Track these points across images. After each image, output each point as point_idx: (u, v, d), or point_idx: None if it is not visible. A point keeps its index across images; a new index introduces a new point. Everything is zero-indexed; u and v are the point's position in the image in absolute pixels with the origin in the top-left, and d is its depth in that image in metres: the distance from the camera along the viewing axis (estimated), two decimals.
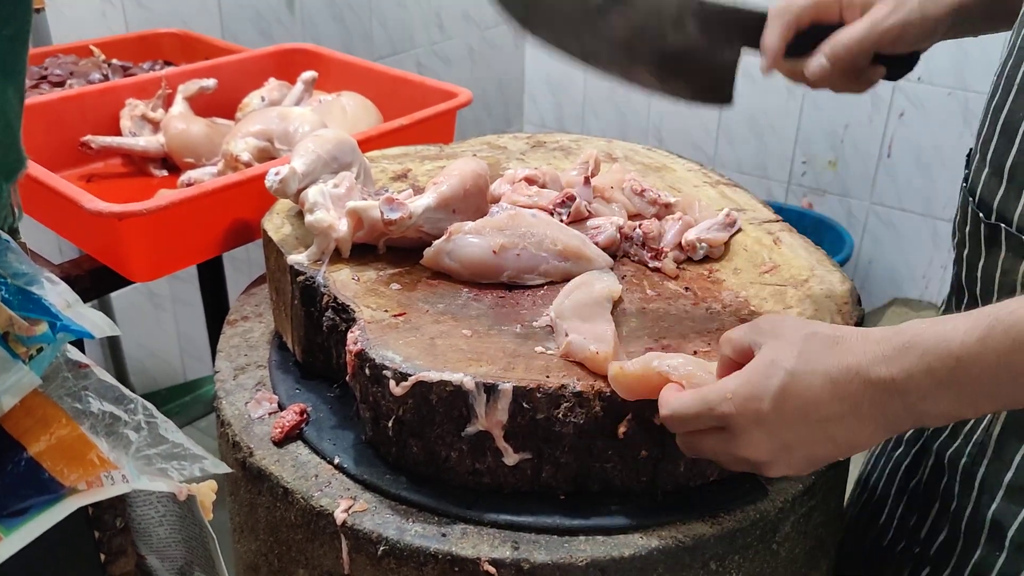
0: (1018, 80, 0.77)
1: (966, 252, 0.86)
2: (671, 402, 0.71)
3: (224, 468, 0.67)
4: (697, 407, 0.69)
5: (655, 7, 0.89)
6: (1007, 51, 0.80)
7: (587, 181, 1.05)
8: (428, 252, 0.93)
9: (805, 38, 0.89)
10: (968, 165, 0.87)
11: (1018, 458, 0.81)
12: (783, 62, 0.90)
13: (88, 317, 0.59)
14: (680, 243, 0.99)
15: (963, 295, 0.89)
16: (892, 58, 0.89)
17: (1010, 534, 0.82)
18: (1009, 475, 0.82)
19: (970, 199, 0.85)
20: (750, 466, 0.70)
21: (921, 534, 0.94)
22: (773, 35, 0.88)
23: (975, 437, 0.87)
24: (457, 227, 0.93)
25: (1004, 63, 0.80)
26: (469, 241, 0.92)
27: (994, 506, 0.83)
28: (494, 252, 0.92)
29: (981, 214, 0.83)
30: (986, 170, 0.82)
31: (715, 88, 0.94)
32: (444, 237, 0.92)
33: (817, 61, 0.88)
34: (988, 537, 0.84)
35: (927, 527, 0.93)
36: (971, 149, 0.88)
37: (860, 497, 1.06)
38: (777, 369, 0.65)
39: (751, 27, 0.90)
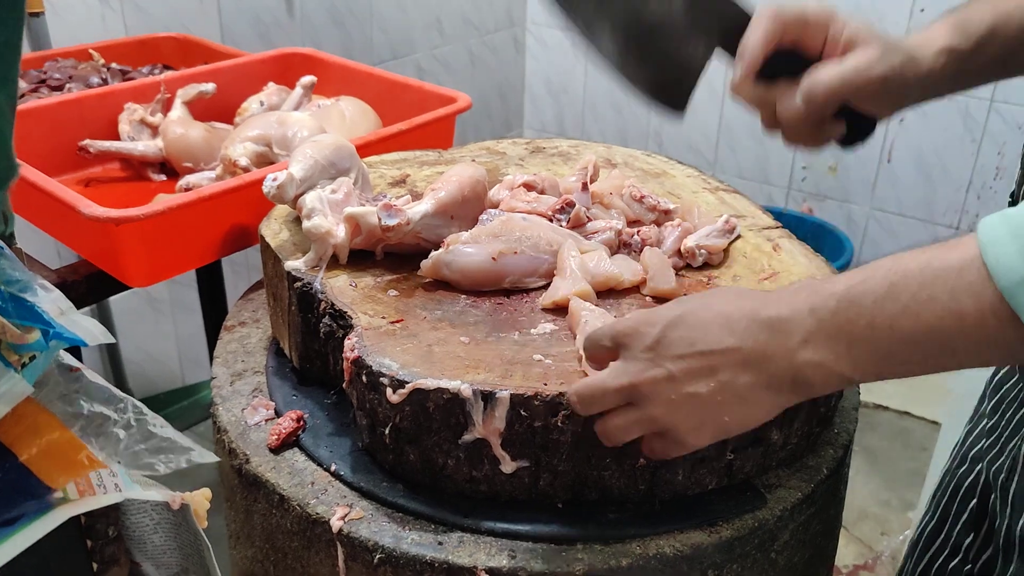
0: None
1: None
2: (584, 334, 0.72)
3: (212, 457, 0.66)
4: (603, 332, 0.71)
5: None
6: None
7: (585, 187, 1.04)
8: (426, 264, 0.92)
9: (777, 61, 0.81)
10: (1019, 183, 0.86)
11: None
12: (751, 89, 0.83)
13: (81, 324, 0.59)
14: (679, 249, 0.98)
15: None
16: (854, 117, 0.82)
17: None
18: None
19: None
20: (646, 421, 0.68)
21: (972, 553, 0.93)
22: (755, 39, 0.80)
23: (1010, 448, 0.85)
24: (453, 238, 0.93)
25: None
26: (467, 251, 0.92)
27: (1022, 522, 0.81)
28: (493, 259, 0.91)
29: None
30: None
31: (674, 87, 0.87)
32: (442, 249, 0.92)
33: (790, 101, 0.80)
34: (1020, 554, 0.82)
35: (977, 545, 0.92)
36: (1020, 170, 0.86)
37: (928, 520, 1.04)
38: (679, 305, 0.67)
39: (733, 24, 0.82)
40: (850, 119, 0.82)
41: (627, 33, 0.84)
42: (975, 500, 0.95)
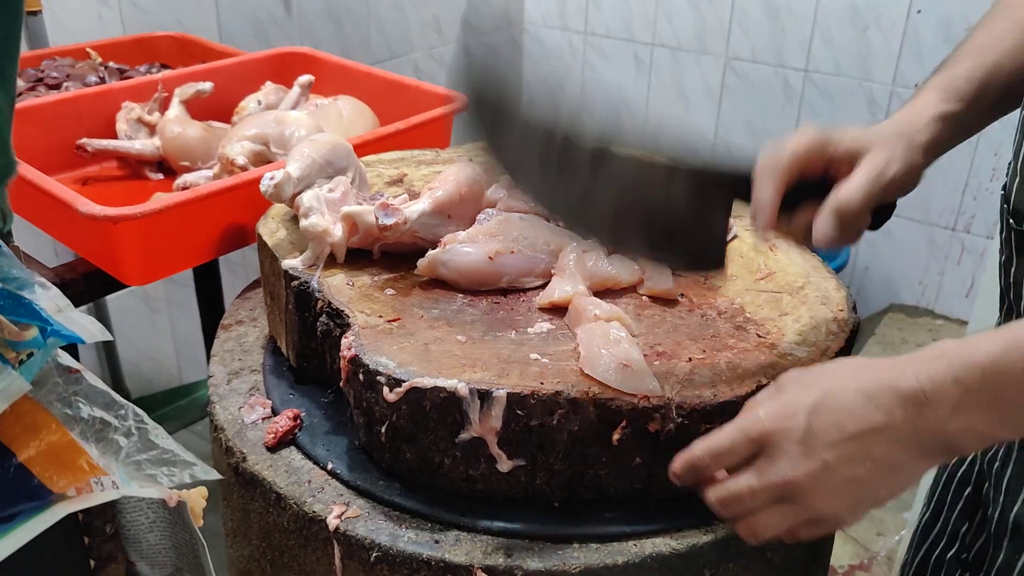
0: None
1: (1003, 259, 0.87)
2: (704, 441, 0.71)
3: (214, 474, 0.66)
4: (730, 435, 0.69)
5: (640, 176, 0.82)
6: None
7: None
8: (422, 263, 0.92)
9: (791, 194, 0.80)
10: (1007, 174, 0.87)
11: None
12: (780, 228, 0.82)
13: (79, 322, 0.59)
14: None
15: (1004, 303, 0.89)
16: (878, 209, 0.82)
17: None
18: None
19: (1004, 206, 0.86)
20: (803, 513, 0.68)
21: (967, 540, 0.95)
22: (764, 194, 0.79)
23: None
24: (450, 237, 0.93)
25: None
26: (464, 250, 0.92)
27: (1016, 508, 0.83)
28: (490, 258, 0.92)
29: (1012, 221, 0.83)
30: (1018, 179, 0.82)
31: (707, 255, 0.87)
32: (439, 248, 0.92)
33: (824, 225, 0.78)
34: (1011, 539, 0.84)
35: (972, 533, 0.94)
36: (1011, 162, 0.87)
37: (925, 512, 1.06)
38: (810, 390, 0.66)
39: (740, 181, 0.82)
40: (876, 212, 0.82)
41: (649, 241, 0.85)
42: (970, 488, 0.96)
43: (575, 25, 2.93)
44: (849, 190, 0.77)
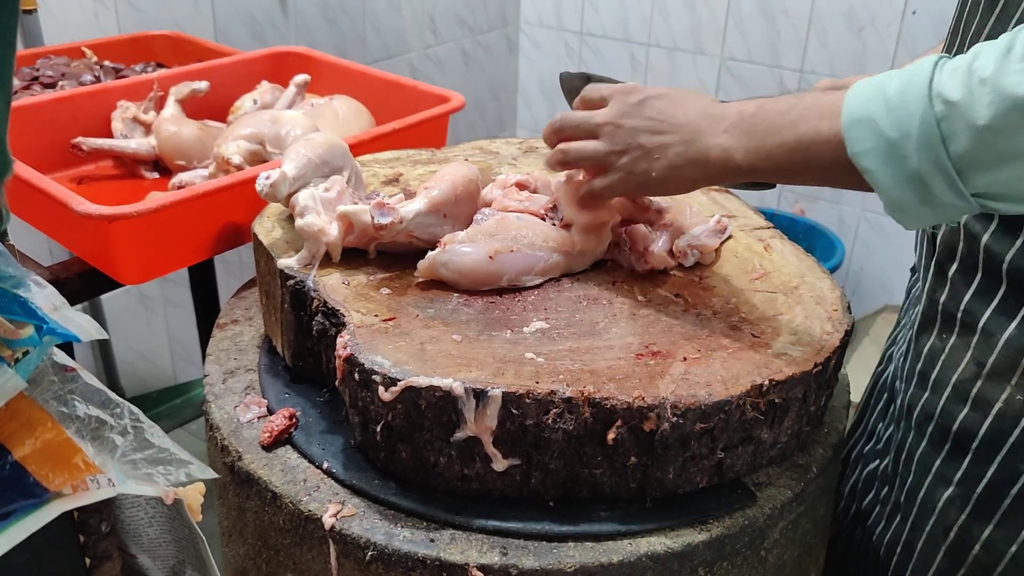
0: (950, 29, 0.90)
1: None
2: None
3: (211, 474, 0.66)
4: (591, 88, 0.90)
5: None
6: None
7: None
8: (423, 265, 0.92)
9: None
10: None
11: (925, 350, 0.91)
12: None
13: (75, 320, 0.59)
14: (671, 249, 0.99)
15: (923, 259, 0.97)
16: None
17: (915, 416, 0.92)
18: (919, 365, 0.92)
19: None
20: (599, 152, 0.87)
21: (881, 433, 1.05)
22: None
23: (909, 337, 0.96)
24: (449, 237, 0.93)
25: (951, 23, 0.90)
26: (463, 251, 0.92)
27: (910, 392, 0.93)
28: (490, 258, 0.92)
29: None
30: None
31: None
32: (438, 249, 0.92)
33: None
34: (905, 420, 0.95)
35: (884, 425, 1.04)
36: None
37: (853, 418, 1.15)
38: (664, 88, 0.85)
39: None
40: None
41: None
42: (887, 392, 1.07)
43: (571, 25, 2.93)
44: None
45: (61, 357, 0.64)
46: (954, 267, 0.87)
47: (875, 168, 0.68)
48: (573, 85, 1.02)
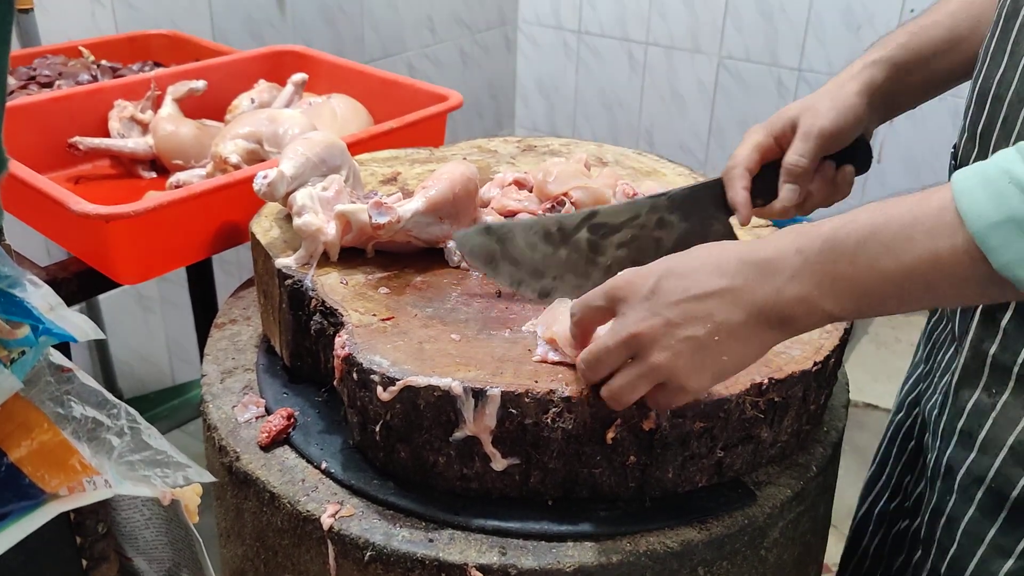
0: (992, 49, 0.80)
1: None
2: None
3: (208, 477, 0.66)
4: (583, 304, 0.74)
5: (634, 223, 0.91)
6: (991, 28, 0.82)
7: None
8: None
9: (765, 180, 0.91)
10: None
11: (969, 405, 0.83)
12: (763, 210, 0.92)
13: (71, 320, 0.59)
14: None
15: None
16: (849, 154, 0.92)
17: (959, 478, 0.84)
18: (961, 422, 0.84)
19: (952, 163, 0.89)
20: (649, 372, 0.70)
21: (908, 489, 0.98)
22: (735, 192, 0.90)
23: (940, 386, 0.89)
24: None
25: (987, 40, 0.82)
26: None
27: (948, 451, 0.85)
28: None
29: None
30: (964, 135, 0.85)
31: None
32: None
33: (785, 192, 0.90)
34: (943, 481, 0.87)
35: (913, 481, 0.97)
36: None
37: (872, 468, 1.10)
38: (664, 258, 0.71)
39: (717, 195, 0.92)
40: (847, 160, 0.92)
41: None
42: (913, 442, 1.00)
43: (569, 24, 2.93)
44: (790, 154, 0.90)
45: (57, 357, 0.63)
46: (1008, 316, 0.79)
47: None
48: (475, 246, 0.91)
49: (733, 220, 0.92)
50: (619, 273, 0.72)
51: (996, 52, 0.79)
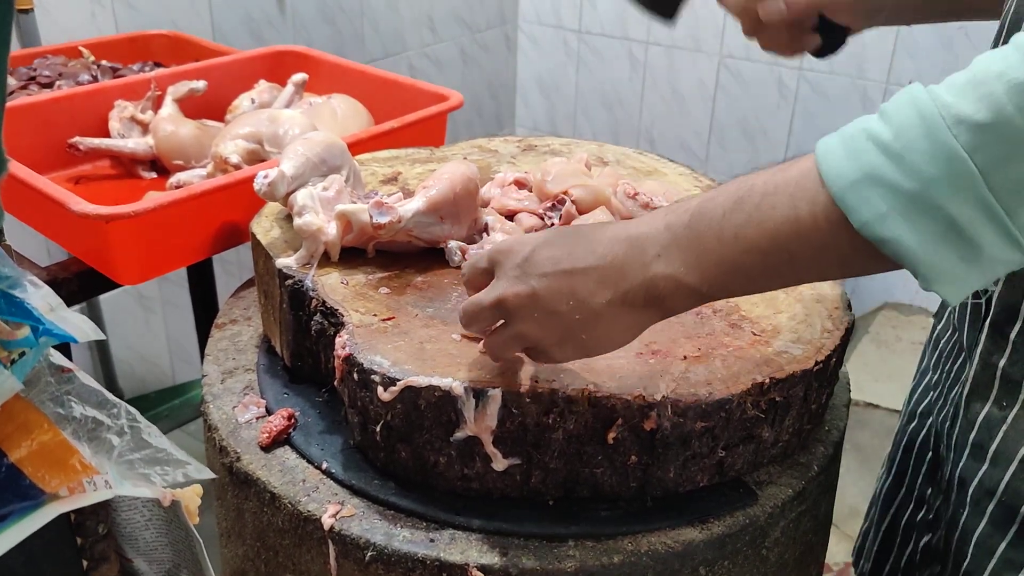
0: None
1: None
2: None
3: (208, 474, 0.66)
4: (469, 263, 0.75)
5: None
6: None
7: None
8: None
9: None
10: None
11: (980, 418, 0.82)
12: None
13: (71, 321, 0.59)
14: None
15: None
16: (829, 29, 0.93)
17: (971, 490, 0.83)
18: (972, 434, 0.83)
19: None
20: (517, 337, 0.70)
21: (931, 502, 0.96)
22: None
23: (951, 397, 0.88)
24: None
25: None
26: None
27: (961, 464, 0.85)
28: None
29: None
30: None
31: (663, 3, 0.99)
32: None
33: (774, 5, 0.90)
34: (957, 494, 0.86)
35: (934, 493, 0.95)
36: None
37: (886, 478, 1.08)
38: (554, 228, 0.71)
39: None
40: (825, 32, 0.93)
41: None
42: (930, 453, 0.98)
43: (570, 23, 2.93)
44: None
45: (58, 358, 0.63)
46: (1016, 329, 0.77)
47: (898, 233, 0.55)
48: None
49: None
50: (506, 238, 0.72)
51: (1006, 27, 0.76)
